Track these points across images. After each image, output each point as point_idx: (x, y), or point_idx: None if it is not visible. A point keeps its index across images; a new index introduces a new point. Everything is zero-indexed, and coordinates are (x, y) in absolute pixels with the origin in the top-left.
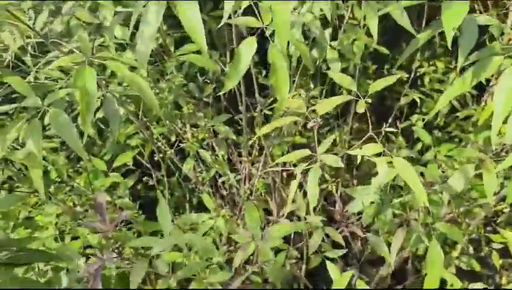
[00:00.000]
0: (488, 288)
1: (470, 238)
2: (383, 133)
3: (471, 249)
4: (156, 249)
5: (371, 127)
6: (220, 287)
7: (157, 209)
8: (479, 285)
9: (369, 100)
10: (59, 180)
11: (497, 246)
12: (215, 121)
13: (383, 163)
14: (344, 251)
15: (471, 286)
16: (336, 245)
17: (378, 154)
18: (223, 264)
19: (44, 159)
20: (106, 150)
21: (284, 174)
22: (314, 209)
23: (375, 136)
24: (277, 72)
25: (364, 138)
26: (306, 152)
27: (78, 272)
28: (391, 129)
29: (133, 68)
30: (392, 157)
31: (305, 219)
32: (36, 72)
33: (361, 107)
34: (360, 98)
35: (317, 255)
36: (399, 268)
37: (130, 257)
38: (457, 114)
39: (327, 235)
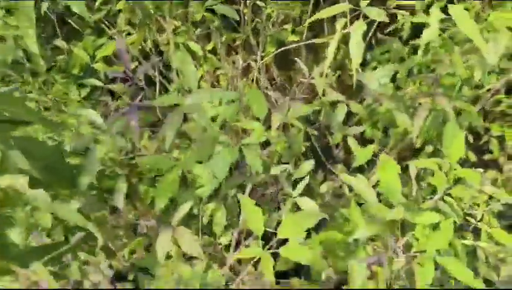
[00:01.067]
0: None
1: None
2: None
3: (470, 139)
4: (189, 102)
5: None
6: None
7: (178, 59)
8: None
9: None
10: None
11: (496, 132)
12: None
13: (437, 11)
14: (361, 128)
15: None
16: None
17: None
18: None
19: None
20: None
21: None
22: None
23: None
24: None
25: None
26: (345, 6)
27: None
28: None
29: None
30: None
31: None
32: None
33: None
34: None
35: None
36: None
37: None
38: None
39: None
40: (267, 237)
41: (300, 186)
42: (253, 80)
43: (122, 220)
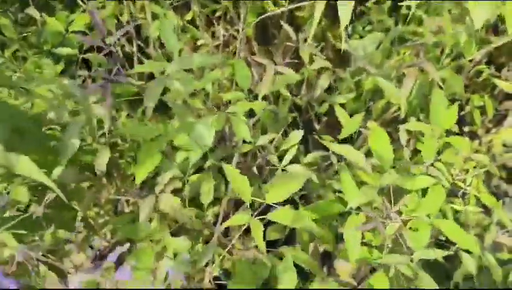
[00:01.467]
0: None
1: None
2: None
3: None
4: (170, 70)
5: None
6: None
7: (161, 30)
8: None
9: None
10: None
11: (477, 103)
12: None
13: None
14: (352, 94)
15: None
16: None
17: None
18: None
19: None
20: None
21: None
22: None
23: None
24: None
25: None
26: None
27: None
28: None
29: None
30: None
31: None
32: None
33: None
34: None
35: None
36: None
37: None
38: None
39: None
40: (256, 209)
41: (288, 156)
42: (234, 53)
43: (103, 197)
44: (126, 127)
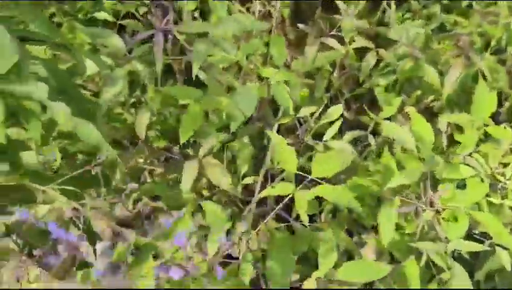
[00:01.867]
0: None
1: None
2: None
3: None
4: (218, 31)
5: None
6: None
7: None
8: None
9: None
10: None
11: None
12: None
13: None
14: (393, 77)
15: None
16: None
17: None
18: None
19: None
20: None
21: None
22: None
23: None
24: None
25: None
26: None
27: None
28: None
29: None
30: None
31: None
32: None
33: None
34: None
35: None
36: None
37: None
38: None
39: None
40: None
41: (331, 131)
42: (270, 31)
43: (128, 166)
44: (167, 90)
